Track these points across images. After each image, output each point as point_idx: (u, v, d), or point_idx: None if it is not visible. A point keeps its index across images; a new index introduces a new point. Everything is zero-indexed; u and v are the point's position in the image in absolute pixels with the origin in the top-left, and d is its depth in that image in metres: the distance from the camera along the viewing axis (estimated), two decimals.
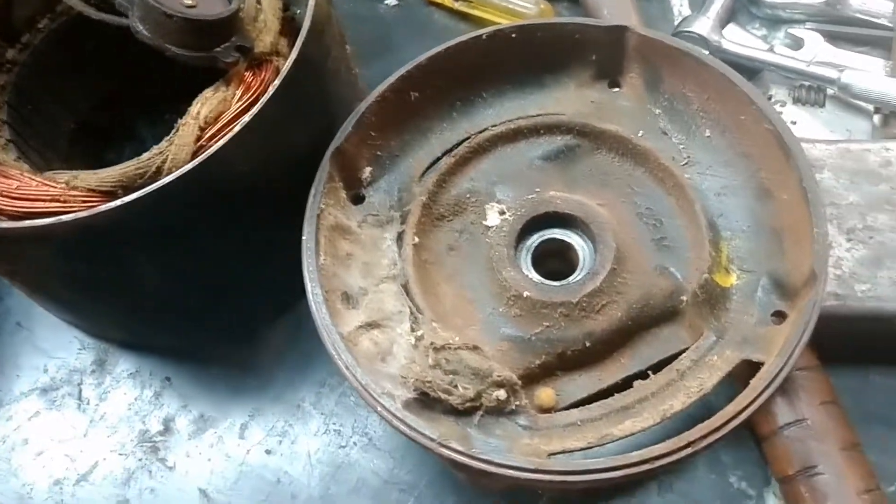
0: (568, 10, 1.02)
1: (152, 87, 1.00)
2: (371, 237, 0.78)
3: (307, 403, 0.84)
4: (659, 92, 0.81)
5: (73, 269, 0.73)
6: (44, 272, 0.75)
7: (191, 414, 0.84)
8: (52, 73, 0.88)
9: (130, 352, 0.88)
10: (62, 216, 0.64)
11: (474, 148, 0.80)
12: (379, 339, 0.72)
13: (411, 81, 0.80)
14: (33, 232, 0.64)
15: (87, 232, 0.65)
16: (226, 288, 0.81)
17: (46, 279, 0.77)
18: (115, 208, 0.64)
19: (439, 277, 0.77)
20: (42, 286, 0.79)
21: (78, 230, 0.65)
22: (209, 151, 0.65)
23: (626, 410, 0.70)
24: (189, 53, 0.70)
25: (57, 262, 0.71)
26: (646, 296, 0.73)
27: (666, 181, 0.77)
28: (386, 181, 0.81)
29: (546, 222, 0.78)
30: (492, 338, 0.74)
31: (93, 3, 0.78)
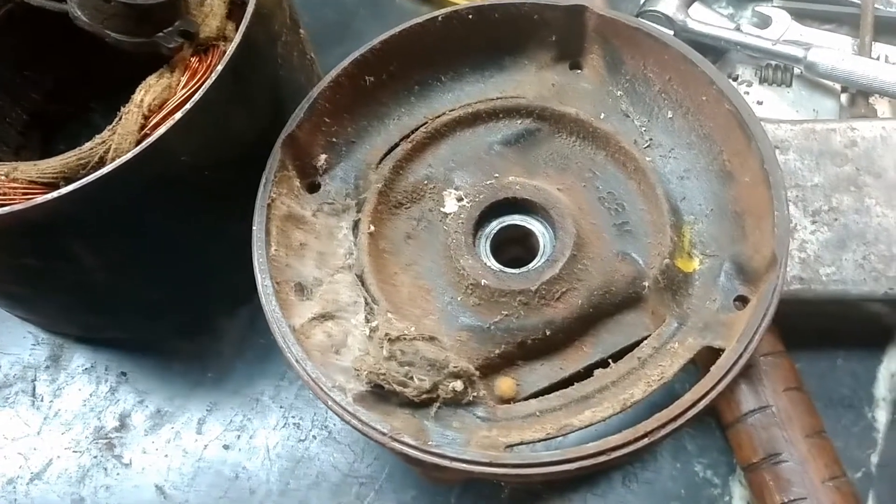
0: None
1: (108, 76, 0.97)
2: (326, 226, 0.76)
3: (266, 397, 0.82)
4: (620, 73, 0.79)
5: (19, 263, 0.70)
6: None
7: (147, 409, 0.82)
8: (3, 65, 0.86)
9: (85, 346, 0.86)
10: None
11: (432, 133, 0.78)
12: (333, 331, 0.70)
13: (366, 66, 0.77)
14: None
15: (28, 225, 0.63)
16: (179, 280, 0.79)
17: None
18: (54, 200, 0.61)
19: (396, 267, 0.75)
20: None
21: (18, 223, 0.62)
22: (150, 139, 0.63)
23: (587, 400, 0.68)
24: (129, 39, 0.68)
25: (2, 256, 0.69)
26: (607, 282, 0.72)
27: (627, 165, 0.76)
28: (342, 169, 0.79)
29: (505, 209, 0.76)
30: (450, 328, 0.72)
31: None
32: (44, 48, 0.89)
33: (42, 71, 0.92)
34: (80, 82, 0.97)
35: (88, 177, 0.62)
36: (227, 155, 0.72)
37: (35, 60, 0.90)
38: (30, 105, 0.93)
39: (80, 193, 0.62)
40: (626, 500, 0.76)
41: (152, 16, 0.68)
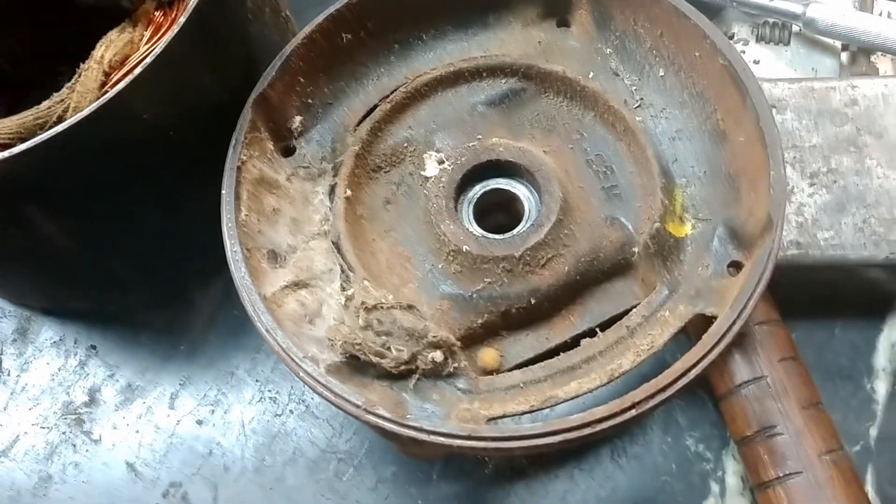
0: None
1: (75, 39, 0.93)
2: (301, 191, 0.73)
3: (241, 370, 0.79)
4: (609, 30, 0.75)
5: None
6: None
7: (118, 384, 0.79)
8: None
9: (53, 319, 0.83)
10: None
11: (411, 93, 0.75)
12: (306, 300, 0.67)
13: (342, 22, 0.74)
14: None
15: None
16: (145, 249, 0.75)
17: None
18: (5, 160, 0.58)
19: (374, 233, 0.72)
20: None
21: None
22: (108, 95, 0.59)
23: (573, 371, 0.65)
24: None
25: None
26: (595, 248, 0.68)
27: (617, 126, 0.72)
28: (318, 131, 0.75)
29: (489, 172, 0.72)
30: (430, 296, 0.69)
31: None
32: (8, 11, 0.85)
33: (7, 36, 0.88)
34: (47, 46, 0.93)
35: (42, 135, 0.58)
36: (193, 115, 0.68)
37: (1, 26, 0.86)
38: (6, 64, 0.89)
39: (33, 153, 0.58)
40: (615, 476, 0.73)
41: None
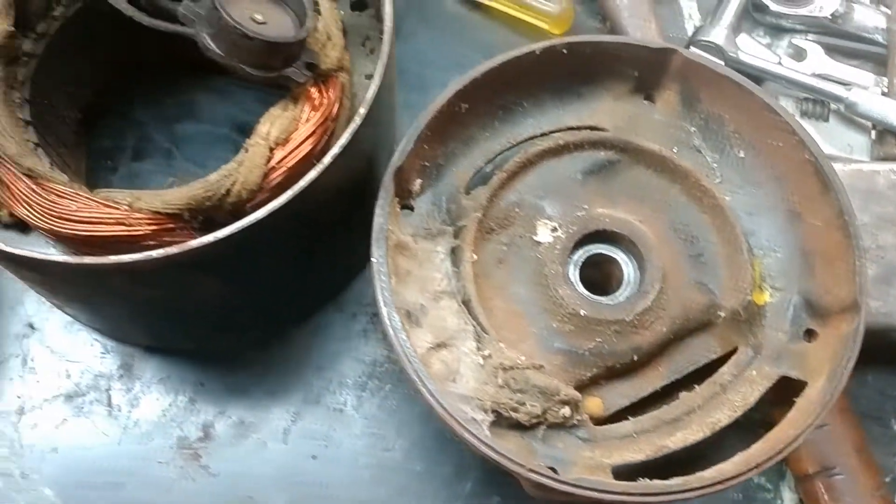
0: (582, 4, 1.03)
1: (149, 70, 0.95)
2: (425, 251, 0.79)
3: (349, 408, 0.85)
4: (695, 111, 0.84)
5: (133, 292, 0.70)
6: (98, 294, 0.72)
7: (229, 419, 0.84)
8: (63, 63, 0.82)
9: (156, 356, 0.86)
10: (151, 253, 0.62)
11: (523, 162, 0.82)
12: (447, 360, 0.74)
13: (463, 94, 0.79)
14: (117, 267, 0.62)
15: (170, 263, 0.63)
16: (271, 298, 0.81)
17: (97, 299, 0.74)
18: (210, 244, 0.62)
19: (490, 291, 0.79)
20: (87, 303, 0.76)
21: (162, 263, 0.63)
22: (301, 184, 0.64)
23: (677, 422, 0.76)
24: (262, 74, 0.68)
25: (121, 288, 0.69)
26: (685, 311, 0.78)
27: (704, 200, 0.81)
28: (433, 192, 0.81)
29: (593, 238, 0.81)
30: (545, 352, 0.77)
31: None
32: (97, 45, 0.86)
33: (94, 67, 0.89)
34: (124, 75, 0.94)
35: (245, 220, 0.63)
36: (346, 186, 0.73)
37: (89, 57, 0.87)
38: (81, 101, 0.90)
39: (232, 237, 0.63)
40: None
41: (284, 50, 0.68)
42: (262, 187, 0.69)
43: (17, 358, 0.86)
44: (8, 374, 0.85)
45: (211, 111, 0.96)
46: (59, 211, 0.67)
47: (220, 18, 0.64)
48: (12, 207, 0.69)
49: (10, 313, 0.87)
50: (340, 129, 0.74)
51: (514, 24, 1.02)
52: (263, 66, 0.67)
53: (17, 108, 0.75)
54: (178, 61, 0.94)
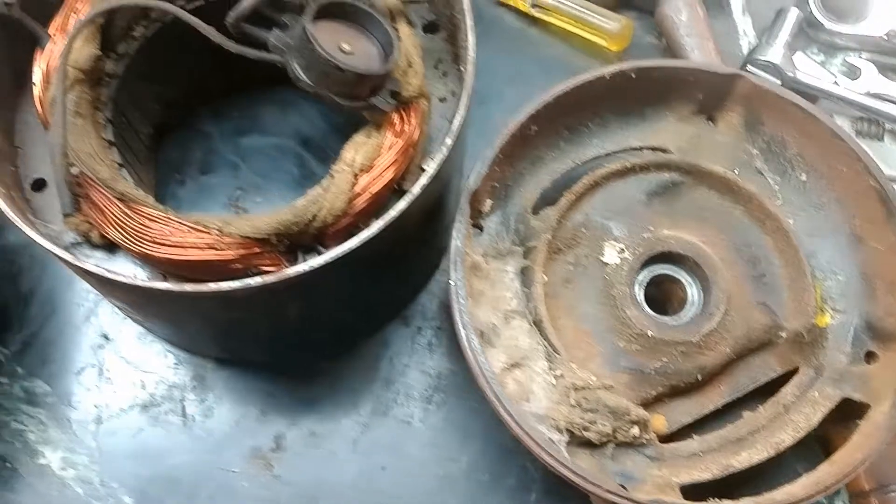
0: (638, 20, 1.04)
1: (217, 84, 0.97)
2: (495, 271, 0.81)
3: (416, 419, 0.87)
4: (758, 133, 0.86)
5: (219, 314, 0.73)
6: (184, 314, 0.74)
7: (300, 430, 0.86)
8: (141, 81, 0.84)
9: (228, 367, 0.88)
10: (249, 281, 0.64)
11: (590, 184, 0.84)
12: (521, 379, 0.76)
13: (535, 117, 0.81)
14: (216, 294, 0.64)
15: (265, 290, 0.66)
16: (345, 317, 0.83)
17: (182, 318, 0.76)
18: (306, 272, 0.64)
19: (558, 310, 0.82)
20: (170, 321, 0.78)
21: (259, 290, 0.65)
22: (392, 214, 0.66)
23: (741, 442, 0.78)
24: (350, 103, 0.70)
25: (209, 310, 0.71)
26: (748, 331, 0.80)
27: (767, 223, 0.83)
28: (501, 211, 0.83)
29: (658, 259, 0.83)
30: (612, 370, 0.79)
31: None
32: (173, 63, 0.87)
33: (168, 84, 0.91)
34: (193, 90, 0.96)
35: (340, 248, 0.65)
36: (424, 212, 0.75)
37: (164, 75, 0.88)
38: (154, 117, 0.92)
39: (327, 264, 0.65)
40: None
41: (373, 81, 0.69)
42: (346, 212, 0.71)
43: (94, 368, 0.88)
44: (85, 383, 0.87)
45: (275, 124, 0.98)
46: (153, 235, 0.69)
47: (312, 50, 0.66)
48: (104, 230, 0.71)
49: (85, 324, 0.90)
50: (418, 154, 0.76)
51: (572, 40, 1.03)
52: (352, 95, 0.69)
53: (101, 128, 0.77)
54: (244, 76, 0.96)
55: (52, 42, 0.74)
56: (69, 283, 0.91)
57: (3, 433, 0.85)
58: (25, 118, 0.79)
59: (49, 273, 0.91)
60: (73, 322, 0.90)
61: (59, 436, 0.85)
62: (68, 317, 0.90)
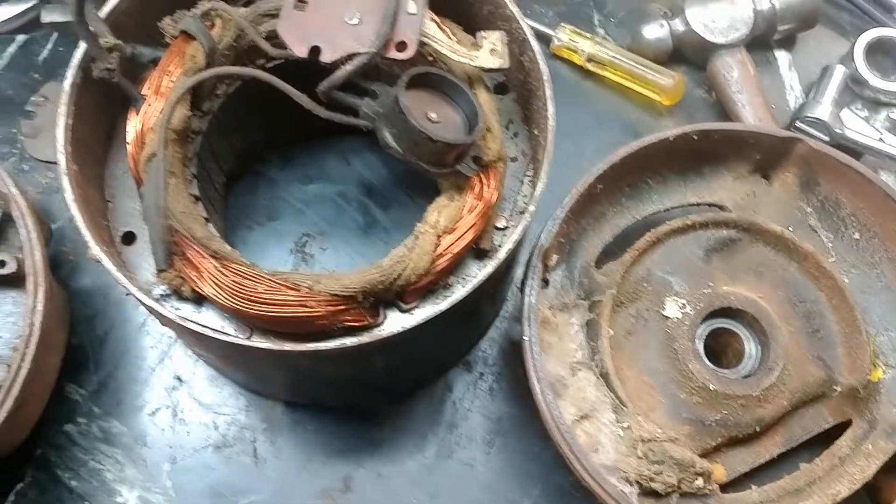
0: (688, 74, 1.07)
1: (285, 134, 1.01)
2: (562, 324, 0.84)
3: (478, 462, 0.90)
4: (813, 193, 0.89)
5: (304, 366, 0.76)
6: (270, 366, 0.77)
7: (368, 472, 0.89)
8: (221, 136, 0.87)
9: (297, 410, 0.91)
10: (345, 341, 0.67)
11: (652, 240, 0.87)
12: (590, 431, 0.80)
13: (602, 176, 0.85)
14: (315, 353, 0.67)
15: (358, 349, 0.69)
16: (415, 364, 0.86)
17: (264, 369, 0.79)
18: (398, 333, 0.67)
19: (621, 362, 0.85)
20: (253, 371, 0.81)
21: (353, 349, 0.68)
22: (481, 277, 0.70)
23: (799, 493, 0.81)
24: (437, 170, 0.73)
25: (296, 363, 0.74)
26: (804, 385, 0.84)
27: (822, 280, 0.86)
28: (566, 265, 0.87)
29: (718, 314, 0.86)
30: (673, 421, 0.83)
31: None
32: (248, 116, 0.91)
33: (243, 136, 0.94)
34: (264, 141, 1.00)
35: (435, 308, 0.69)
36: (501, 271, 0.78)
37: (240, 127, 0.92)
38: (227, 167, 0.95)
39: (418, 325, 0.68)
40: None
41: (460, 150, 0.73)
42: (429, 271, 0.74)
43: (168, 409, 0.91)
44: (160, 424, 0.91)
45: (339, 172, 1.01)
46: (247, 292, 0.72)
47: (405, 121, 0.69)
48: (198, 285, 0.74)
49: (159, 366, 0.93)
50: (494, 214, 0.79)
51: (625, 93, 1.07)
52: (439, 163, 0.73)
53: (188, 185, 0.80)
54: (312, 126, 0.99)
55: (146, 103, 0.77)
56: (143, 327, 0.94)
57: (82, 472, 0.88)
58: (114, 172, 0.82)
59: (123, 316, 0.95)
60: (148, 364, 0.93)
61: (136, 475, 0.88)
62: (143, 359, 0.93)
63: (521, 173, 0.83)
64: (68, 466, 0.89)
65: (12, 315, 0.85)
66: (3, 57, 1.06)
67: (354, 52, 0.73)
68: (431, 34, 0.76)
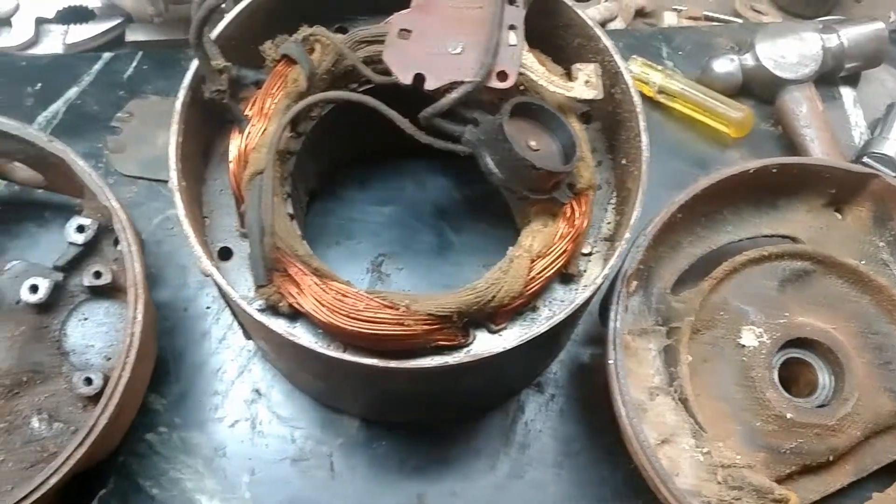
0: (755, 108, 1.10)
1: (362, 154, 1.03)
2: (639, 348, 0.86)
3: (549, 482, 0.92)
4: (885, 227, 0.91)
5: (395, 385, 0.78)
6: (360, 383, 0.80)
7: (441, 489, 0.91)
8: (311, 156, 0.90)
9: (372, 427, 0.93)
10: (447, 358, 0.69)
11: (729, 270, 0.89)
12: (670, 455, 0.81)
13: (682, 206, 0.87)
14: (415, 371, 0.69)
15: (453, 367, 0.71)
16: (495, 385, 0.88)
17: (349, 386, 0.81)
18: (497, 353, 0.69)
19: (698, 389, 0.86)
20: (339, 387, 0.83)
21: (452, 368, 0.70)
22: (579, 301, 0.72)
23: None
24: (535, 196, 0.75)
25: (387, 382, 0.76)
26: (876, 416, 0.85)
27: (893, 313, 0.88)
28: (643, 292, 0.89)
29: (793, 344, 0.88)
30: (748, 448, 0.84)
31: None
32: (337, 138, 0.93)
33: (329, 156, 0.97)
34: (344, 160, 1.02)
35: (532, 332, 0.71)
36: None
37: (329, 148, 0.94)
38: (310, 186, 0.98)
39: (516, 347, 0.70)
40: None
41: (558, 177, 0.75)
42: (521, 294, 0.76)
43: (247, 421, 0.93)
44: (239, 436, 0.92)
45: (413, 195, 1.04)
46: (347, 309, 0.74)
47: (509, 149, 0.72)
48: (297, 301, 0.76)
49: (238, 380, 0.95)
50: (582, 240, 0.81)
51: (693, 125, 1.09)
52: (537, 189, 0.75)
53: (284, 203, 0.82)
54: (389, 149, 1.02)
55: (250, 124, 0.80)
56: (223, 340, 0.96)
57: (162, 480, 0.90)
58: (211, 189, 0.84)
59: (202, 329, 0.97)
60: (227, 377, 0.95)
61: (215, 485, 0.90)
62: (223, 371, 0.95)
63: (605, 201, 0.86)
64: (149, 475, 0.90)
65: (104, 325, 0.87)
66: (90, 73, 1.09)
67: (458, 81, 0.75)
68: (528, 65, 0.79)
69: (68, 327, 0.87)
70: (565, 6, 0.83)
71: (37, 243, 0.99)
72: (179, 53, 1.11)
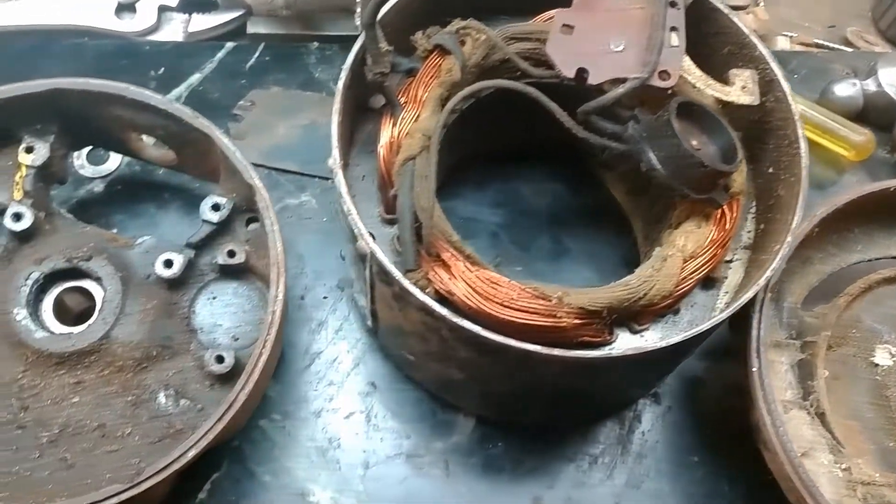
0: None
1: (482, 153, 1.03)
2: (773, 361, 0.85)
3: (666, 495, 0.90)
4: None
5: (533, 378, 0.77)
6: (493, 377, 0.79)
7: (558, 494, 0.89)
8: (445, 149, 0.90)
9: (487, 425, 0.92)
10: (611, 352, 0.68)
11: (864, 287, 0.88)
12: (809, 469, 0.80)
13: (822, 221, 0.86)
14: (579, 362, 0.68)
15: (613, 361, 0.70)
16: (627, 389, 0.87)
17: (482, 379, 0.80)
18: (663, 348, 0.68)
19: (826, 405, 0.85)
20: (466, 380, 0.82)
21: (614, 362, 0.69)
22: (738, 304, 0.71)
23: None
24: (696, 195, 0.75)
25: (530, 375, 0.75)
26: None
27: None
28: (774, 305, 0.88)
29: None
30: (881, 467, 0.83)
31: None
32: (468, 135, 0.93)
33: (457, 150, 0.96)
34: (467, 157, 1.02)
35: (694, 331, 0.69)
36: None
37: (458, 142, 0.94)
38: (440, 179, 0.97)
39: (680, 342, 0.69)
40: None
41: (720, 177, 0.75)
42: (671, 294, 0.76)
43: (362, 414, 0.92)
44: (354, 429, 0.91)
45: (530, 200, 1.04)
46: (500, 297, 0.73)
47: (677, 145, 0.72)
48: (447, 286, 0.75)
49: (353, 372, 0.94)
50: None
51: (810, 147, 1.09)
52: (698, 188, 0.75)
53: None
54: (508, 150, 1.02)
55: (403, 110, 0.80)
56: (339, 331, 0.96)
57: (275, 468, 0.89)
58: (353, 174, 0.84)
59: (319, 319, 0.96)
60: (343, 368, 0.94)
61: (328, 476, 0.89)
62: (339, 363, 0.94)
63: (745, 210, 0.85)
64: (262, 461, 0.89)
65: (232, 305, 0.87)
66: (212, 61, 1.10)
67: (621, 78, 0.75)
68: (686, 67, 0.79)
69: (197, 305, 0.86)
70: (721, 14, 0.83)
71: (156, 223, 0.99)
72: (301, 48, 1.12)
